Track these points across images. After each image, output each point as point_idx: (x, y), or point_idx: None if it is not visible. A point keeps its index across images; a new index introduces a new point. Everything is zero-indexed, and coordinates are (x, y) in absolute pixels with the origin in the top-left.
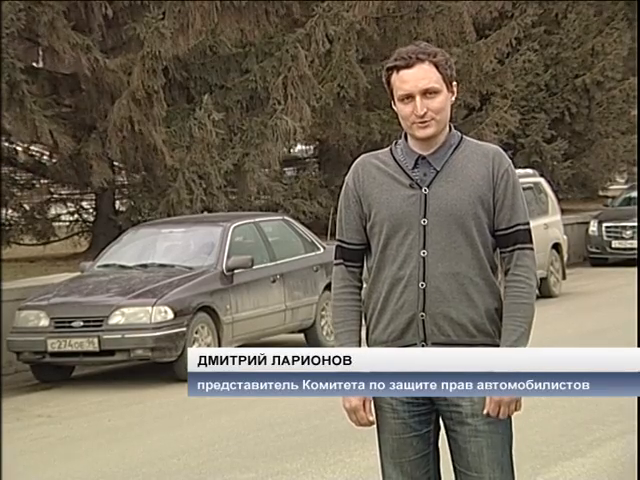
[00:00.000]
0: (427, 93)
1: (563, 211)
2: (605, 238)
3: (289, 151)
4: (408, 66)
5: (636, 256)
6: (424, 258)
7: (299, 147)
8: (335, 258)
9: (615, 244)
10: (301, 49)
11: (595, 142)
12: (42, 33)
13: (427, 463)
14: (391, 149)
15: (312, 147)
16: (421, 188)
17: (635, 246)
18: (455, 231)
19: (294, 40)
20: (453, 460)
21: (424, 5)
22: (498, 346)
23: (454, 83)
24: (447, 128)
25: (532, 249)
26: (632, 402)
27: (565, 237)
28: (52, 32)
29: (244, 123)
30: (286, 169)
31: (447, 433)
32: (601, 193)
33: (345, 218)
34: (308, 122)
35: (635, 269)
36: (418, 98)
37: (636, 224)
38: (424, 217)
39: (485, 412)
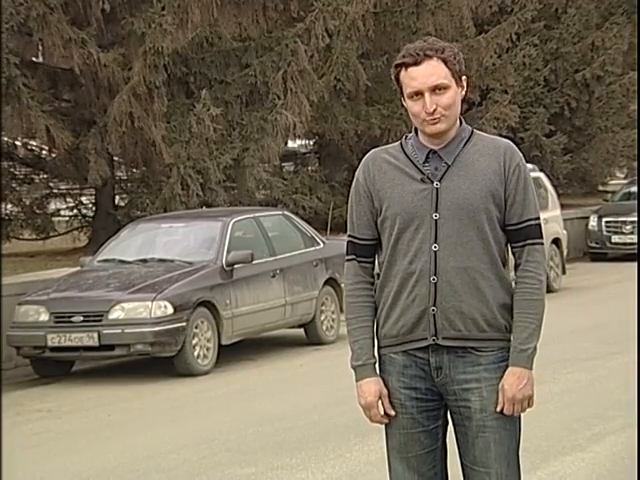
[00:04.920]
0: (436, 89)
1: (563, 206)
2: (605, 233)
3: (285, 144)
4: (416, 63)
5: (636, 251)
6: (435, 252)
7: (298, 142)
8: (347, 254)
9: (615, 239)
10: (301, 44)
11: (595, 137)
12: (33, 27)
13: (434, 459)
14: (401, 143)
15: (312, 142)
16: (432, 182)
17: (635, 241)
18: (467, 225)
19: (294, 35)
20: (460, 455)
21: (424, 0)
22: (509, 341)
23: (464, 77)
24: (457, 122)
25: (542, 244)
26: (632, 396)
27: (565, 232)
28: (44, 26)
29: (244, 118)
30: (285, 164)
31: (455, 428)
32: (601, 188)
33: (356, 213)
34: (308, 117)
35: (635, 264)
36: (427, 95)
37: (636, 219)
38: (436, 211)
39: (499, 409)
